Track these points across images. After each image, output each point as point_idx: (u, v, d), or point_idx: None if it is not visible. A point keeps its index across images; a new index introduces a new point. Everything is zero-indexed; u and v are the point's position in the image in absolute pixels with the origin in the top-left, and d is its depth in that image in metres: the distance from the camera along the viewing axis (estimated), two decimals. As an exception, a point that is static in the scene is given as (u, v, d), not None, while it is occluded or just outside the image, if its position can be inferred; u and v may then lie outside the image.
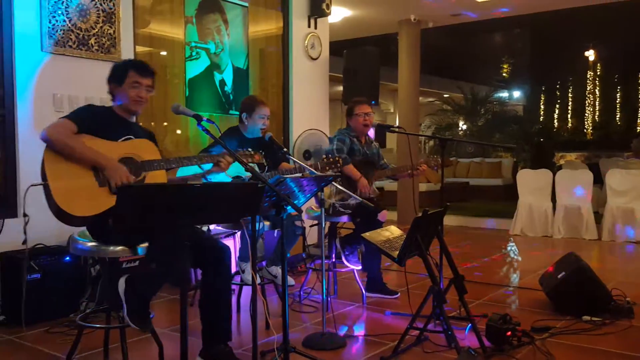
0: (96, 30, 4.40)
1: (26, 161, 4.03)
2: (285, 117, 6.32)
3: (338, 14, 8.31)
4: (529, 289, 4.71)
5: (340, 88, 6.89)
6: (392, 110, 20.01)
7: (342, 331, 3.66)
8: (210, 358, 2.94)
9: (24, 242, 3.67)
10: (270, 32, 6.26)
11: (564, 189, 7.76)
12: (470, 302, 3.70)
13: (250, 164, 2.87)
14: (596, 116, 21.63)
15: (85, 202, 2.71)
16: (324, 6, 6.36)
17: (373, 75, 6.69)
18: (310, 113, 6.47)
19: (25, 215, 3.51)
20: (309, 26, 6.48)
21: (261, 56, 6.18)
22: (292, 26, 6.29)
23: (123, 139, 2.95)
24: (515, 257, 6.55)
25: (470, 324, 3.30)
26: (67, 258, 3.95)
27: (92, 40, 4.38)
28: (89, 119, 2.86)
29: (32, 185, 2.77)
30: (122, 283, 2.73)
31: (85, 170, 2.76)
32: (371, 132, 4.81)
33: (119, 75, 2.99)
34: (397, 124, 10.64)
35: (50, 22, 4.14)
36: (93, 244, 2.83)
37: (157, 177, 2.92)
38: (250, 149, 3.34)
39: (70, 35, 4.25)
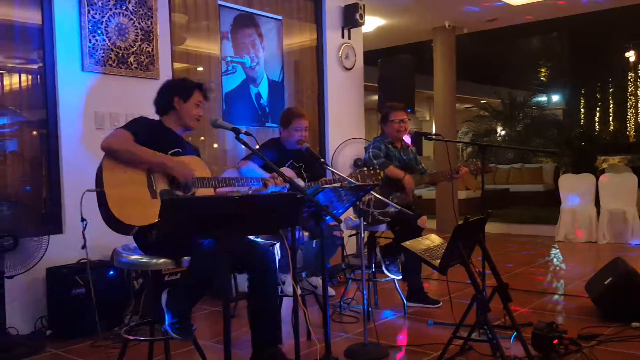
0: (135, 48, 4.50)
1: (70, 179, 4.13)
2: (321, 128, 6.34)
3: (371, 23, 8.31)
4: (575, 296, 4.60)
5: (376, 97, 6.88)
6: (427, 118, 19.86)
7: (385, 342, 3.62)
8: None
9: (84, 247, 3.69)
10: (305, 44, 6.31)
11: (608, 193, 7.56)
12: (514, 310, 3.63)
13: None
14: (638, 118, 21.07)
15: (137, 211, 2.77)
16: (358, 16, 6.38)
17: (408, 83, 6.67)
18: (346, 123, 6.47)
19: (83, 219, 3.57)
20: (343, 37, 6.51)
21: (296, 68, 6.22)
22: (326, 37, 6.32)
23: (172, 151, 3.00)
24: (560, 263, 6.40)
25: (515, 333, 3.23)
26: (111, 272, 4.02)
27: (132, 59, 4.48)
28: (144, 130, 2.93)
29: (87, 191, 2.83)
30: (164, 295, 2.78)
31: (140, 181, 2.83)
32: (407, 139, 4.77)
33: (185, 91, 3.09)
34: (434, 131, 10.57)
35: (90, 41, 4.25)
36: (136, 257, 2.87)
37: (205, 194, 2.97)
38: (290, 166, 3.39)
39: (110, 54, 4.36)
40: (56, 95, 4.14)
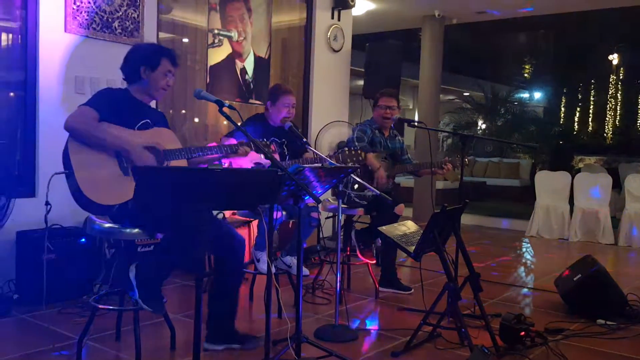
0: (120, 13, 4.41)
1: (46, 142, 4.05)
2: (305, 108, 6.30)
3: (362, 6, 8.25)
4: (544, 291, 4.67)
5: (361, 82, 6.86)
6: (411, 107, 19.90)
7: (355, 324, 3.64)
8: (218, 341, 3.03)
9: (45, 229, 3.68)
10: (294, 23, 6.24)
11: (582, 192, 7.67)
12: (484, 301, 3.67)
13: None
14: (617, 121, 21.38)
15: (110, 190, 2.73)
16: (349, -2, 6.32)
17: (395, 69, 6.65)
18: (331, 105, 6.45)
19: (47, 203, 3.53)
20: (333, 18, 6.45)
21: (283, 46, 6.16)
22: (316, 17, 6.26)
23: (140, 123, 2.95)
24: (531, 258, 6.49)
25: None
26: (83, 240, 3.97)
27: (116, 24, 4.39)
28: (109, 105, 2.85)
29: (55, 174, 2.77)
30: (132, 269, 2.76)
31: (109, 159, 2.78)
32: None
33: (152, 60, 2.97)
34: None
35: (75, 3, 4.15)
36: (110, 225, 2.84)
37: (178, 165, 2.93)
38: (266, 140, 3.37)
39: (95, 17, 4.26)
40: (37, 56, 4.04)
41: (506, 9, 8.71)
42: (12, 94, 4.17)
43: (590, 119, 21.58)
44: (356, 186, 4.20)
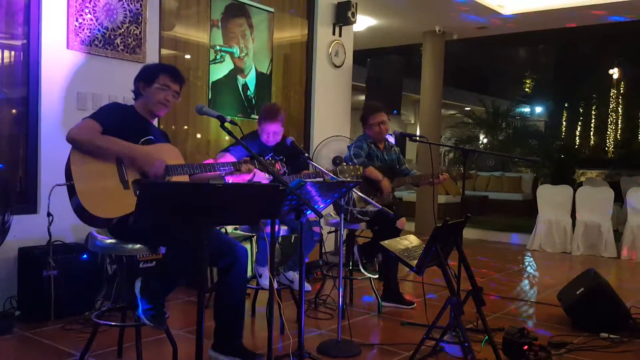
0: (122, 30, 4.44)
1: (48, 158, 4.06)
2: (306, 124, 6.32)
3: (363, 22, 8.31)
4: (546, 304, 4.64)
5: (362, 97, 6.89)
6: (412, 122, 19.94)
7: (358, 339, 3.62)
8: (223, 352, 2.97)
9: (48, 242, 3.71)
10: (295, 39, 6.28)
11: (584, 206, 7.66)
12: (487, 315, 3.66)
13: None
14: (618, 135, 21.42)
15: (109, 204, 2.73)
16: (350, 14, 6.36)
17: (396, 84, 6.68)
18: (332, 120, 6.46)
19: (49, 214, 3.53)
20: (334, 34, 6.49)
21: (285, 62, 6.20)
22: (317, 33, 6.30)
23: (143, 139, 2.96)
24: (534, 272, 6.47)
25: (487, 337, 3.25)
26: (85, 256, 3.97)
27: (118, 40, 4.42)
28: (113, 119, 2.87)
29: (57, 185, 2.79)
30: (138, 283, 2.75)
31: (110, 172, 2.78)
32: (391, 139, 4.77)
33: (149, 76, 3.00)
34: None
35: (77, 20, 4.18)
36: (112, 241, 2.84)
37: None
38: (271, 159, 3.39)
39: (97, 34, 4.29)
40: (39, 72, 4.06)
41: (505, 24, 8.74)
42: (14, 110, 4.19)
43: (591, 133, 21.64)
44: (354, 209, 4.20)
